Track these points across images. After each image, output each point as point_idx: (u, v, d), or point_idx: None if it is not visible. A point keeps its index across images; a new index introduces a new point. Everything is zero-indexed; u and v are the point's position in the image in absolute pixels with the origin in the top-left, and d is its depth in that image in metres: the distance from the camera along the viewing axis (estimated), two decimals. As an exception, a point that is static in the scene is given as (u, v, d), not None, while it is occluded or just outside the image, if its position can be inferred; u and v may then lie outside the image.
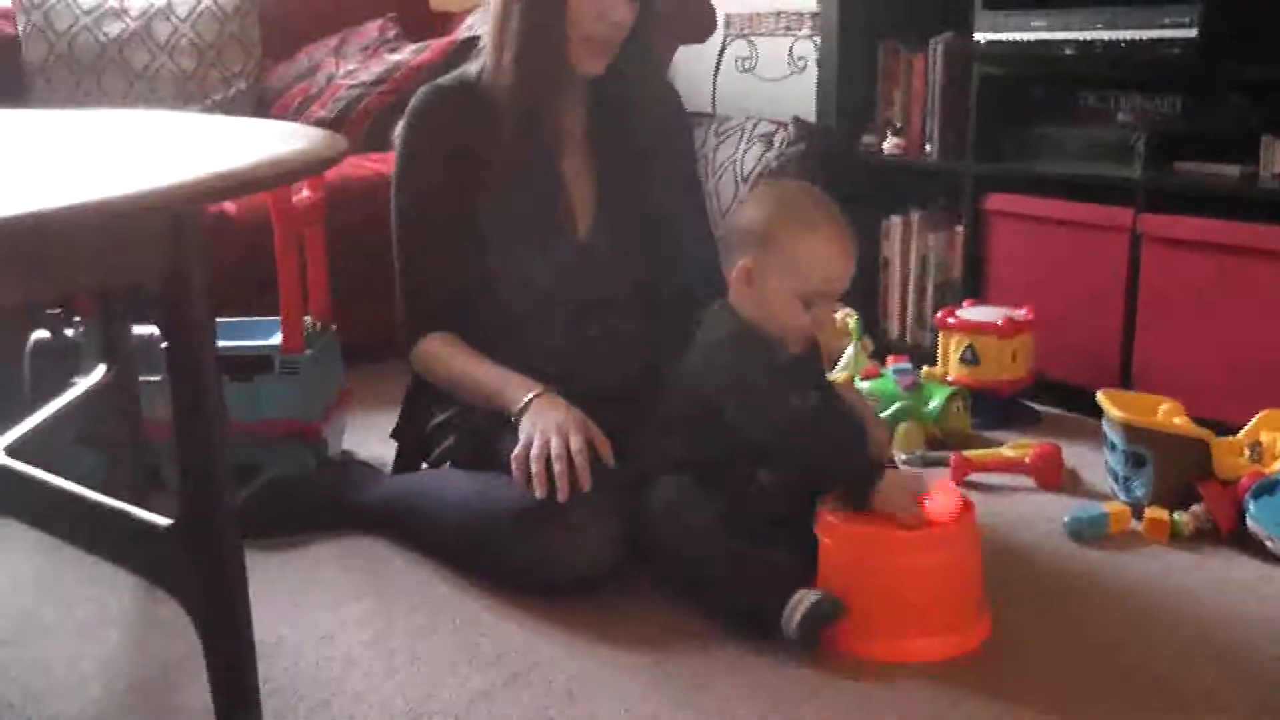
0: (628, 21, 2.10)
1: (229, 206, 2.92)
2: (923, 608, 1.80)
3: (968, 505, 1.90)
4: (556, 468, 1.90)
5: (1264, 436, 2.28)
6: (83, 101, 3.49)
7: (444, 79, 2.23)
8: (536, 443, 1.93)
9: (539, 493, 1.89)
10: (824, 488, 1.91)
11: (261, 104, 3.68)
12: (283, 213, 2.39)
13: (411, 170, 2.19)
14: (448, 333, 2.18)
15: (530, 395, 2.02)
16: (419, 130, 2.18)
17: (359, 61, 3.68)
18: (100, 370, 2.08)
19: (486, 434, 2.09)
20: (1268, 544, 2.08)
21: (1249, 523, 2.11)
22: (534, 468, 1.90)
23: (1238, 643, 1.83)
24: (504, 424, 2.02)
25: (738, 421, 1.93)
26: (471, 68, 2.22)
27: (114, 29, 3.55)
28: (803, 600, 1.77)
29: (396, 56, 3.63)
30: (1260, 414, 2.32)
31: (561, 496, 1.89)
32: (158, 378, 2.27)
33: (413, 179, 2.19)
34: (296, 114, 3.56)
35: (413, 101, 2.20)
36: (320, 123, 3.39)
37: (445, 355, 2.17)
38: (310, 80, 3.67)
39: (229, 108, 3.58)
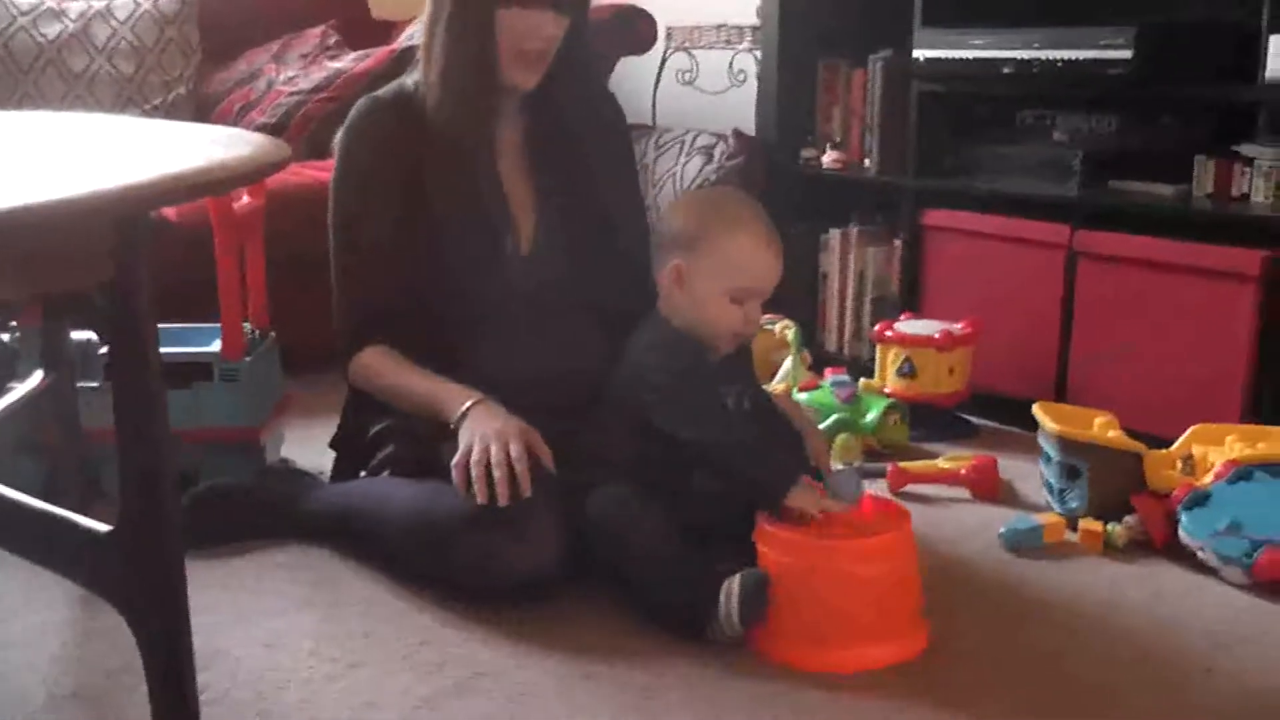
0: (557, 36, 2.12)
1: (169, 211, 2.89)
2: (861, 617, 1.81)
3: (904, 515, 1.92)
4: (496, 474, 1.90)
5: (1195, 450, 2.32)
6: (20, 104, 3.44)
7: (382, 91, 2.22)
8: (476, 449, 1.93)
9: (480, 499, 1.89)
10: (748, 495, 1.93)
11: (201, 109, 3.65)
12: (223, 218, 2.37)
13: (349, 183, 2.18)
14: (384, 345, 2.17)
15: (468, 403, 2.02)
16: (357, 143, 2.18)
17: (300, 68, 3.66)
18: (38, 376, 2.05)
19: (427, 441, 2.08)
20: (1199, 554, 2.11)
21: (1181, 534, 2.14)
22: (474, 473, 1.90)
23: (1169, 652, 1.86)
24: (444, 431, 2.02)
25: (667, 426, 1.95)
26: (409, 79, 2.21)
27: (52, 30, 3.52)
28: (730, 589, 1.80)
29: (337, 64, 3.62)
30: (1192, 428, 2.36)
31: (502, 502, 1.89)
32: (96, 383, 2.26)
33: (350, 191, 2.18)
34: (237, 119, 3.53)
35: (351, 114, 2.20)
36: (261, 129, 3.37)
37: (381, 368, 2.16)
38: (251, 86, 3.65)
39: (169, 112, 3.55)
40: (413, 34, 3.73)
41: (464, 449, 1.95)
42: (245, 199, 2.53)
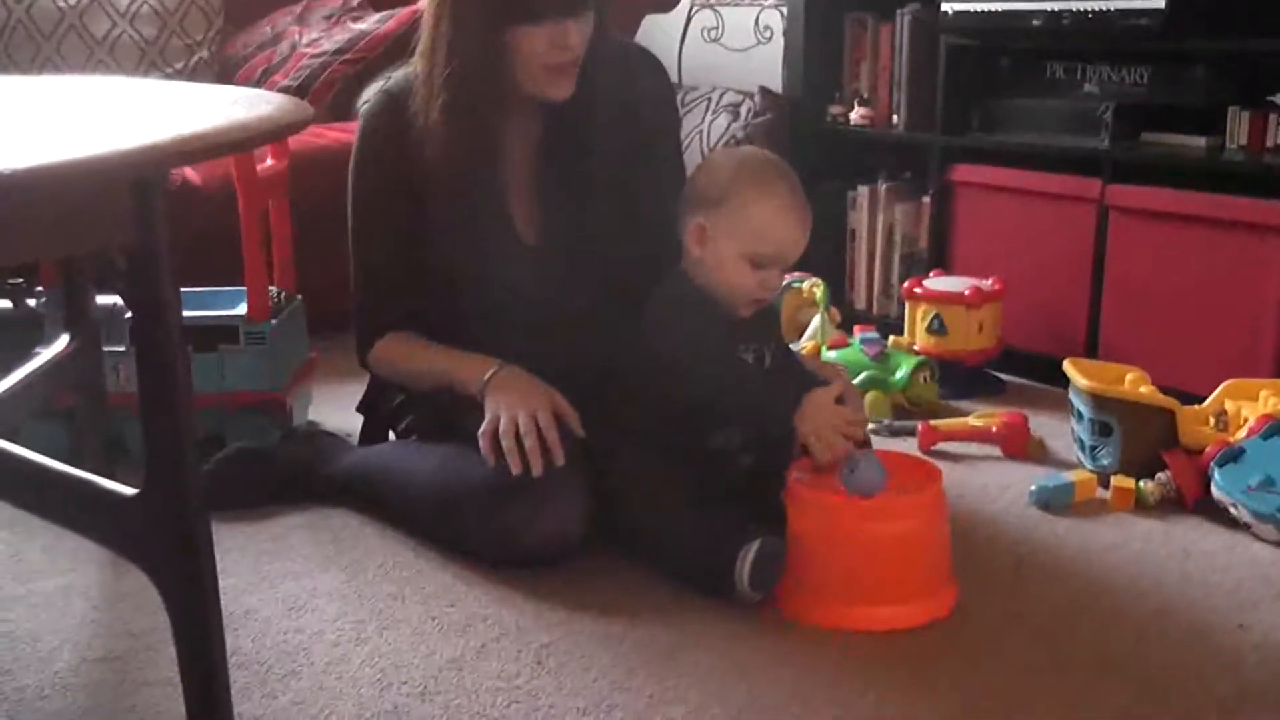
0: (584, 39, 1.99)
1: (193, 175, 2.89)
2: (889, 577, 1.80)
3: (935, 474, 1.91)
4: (527, 444, 1.89)
5: (1229, 405, 2.29)
6: (41, 69, 3.44)
7: (394, 81, 2.11)
8: (504, 419, 1.91)
9: (515, 470, 1.88)
10: (764, 433, 1.95)
11: (224, 73, 3.64)
12: (247, 181, 2.37)
13: (363, 182, 2.13)
14: (399, 333, 2.15)
15: (490, 371, 2.00)
16: (367, 142, 2.12)
17: (322, 30, 3.64)
18: (63, 340, 2.05)
19: (453, 408, 2.07)
20: (1231, 512, 2.09)
21: (1214, 491, 2.12)
22: (504, 444, 1.89)
23: (1201, 609, 1.84)
24: (468, 402, 2.00)
25: (685, 380, 1.95)
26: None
27: (74, -5, 3.51)
28: (747, 552, 1.80)
29: (360, 25, 3.60)
30: (1225, 383, 2.34)
31: (536, 472, 1.88)
32: (122, 348, 2.26)
33: (363, 190, 2.14)
34: (260, 83, 3.52)
35: (363, 109, 2.13)
36: (284, 92, 3.35)
37: (399, 353, 2.14)
38: (273, 49, 3.63)
39: (191, 76, 3.54)
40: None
41: (491, 418, 1.93)
42: (269, 161, 2.52)
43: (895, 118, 3.25)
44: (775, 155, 2.08)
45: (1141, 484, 2.19)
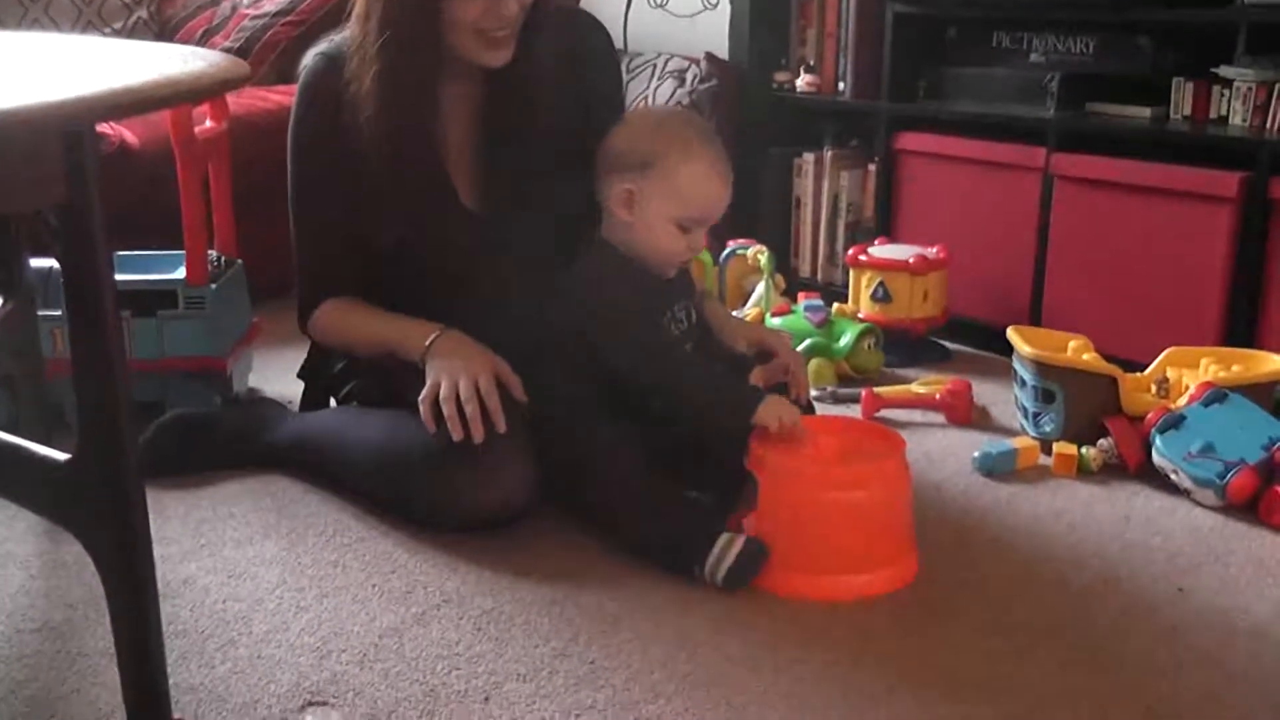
0: (522, 10, 1.96)
1: (131, 137, 2.84)
2: (853, 545, 1.80)
3: (899, 442, 1.90)
4: (468, 410, 1.87)
5: (1170, 373, 2.31)
6: (-25, 27, 3.38)
7: (333, 44, 2.08)
8: (444, 385, 1.90)
9: (455, 436, 1.87)
10: (713, 424, 1.94)
11: (163, 33, 3.58)
12: (185, 142, 2.33)
13: (302, 147, 2.10)
14: (341, 298, 2.12)
15: (433, 336, 1.99)
16: (307, 107, 2.08)
17: (264, -9, 3.59)
18: (-4, 303, 2.01)
19: (394, 374, 2.05)
20: (1172, 478, 2.11)
21: (1155, 457, 2.13)
22: (445, 410, 1.88)
23: (1141, 574, 1.85)
24: (411, 367, 1.99)
25: (619, 365, 1.94)
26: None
27: (8, -49, 3.44)
28: (729, 547, 1.78)
29: (303, -13, 3.55)
30: (1167, 351, 2.35)
31: (477, 439, 1.86)
32: (58, 312, 2.22)
33: (304, 154, 2.10)
34: (200, 44, 3.46)
35: (302, 74, 2.10)
36: (225, 53, 3.30)
37: (340, 319, 2.12)
38: (214, 9, 3.58)
39: (130, 36, 3.49)
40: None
41: (432, 384, 1.91)
42: (208, 123, 2.48)
43: (841, 85, 3.24)
44: (693, 113, 2.06)
45: (1084, 450, 2.21)
